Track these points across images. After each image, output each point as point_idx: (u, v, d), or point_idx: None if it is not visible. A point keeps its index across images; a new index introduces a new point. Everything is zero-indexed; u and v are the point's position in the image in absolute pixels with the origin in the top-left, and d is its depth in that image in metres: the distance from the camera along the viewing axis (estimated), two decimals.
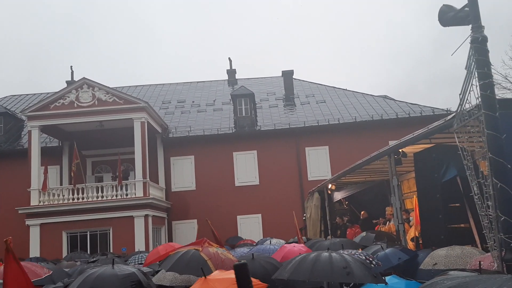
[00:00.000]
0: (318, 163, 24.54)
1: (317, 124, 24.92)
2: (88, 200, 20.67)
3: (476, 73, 5.67)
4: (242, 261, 3.73)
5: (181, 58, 77.97)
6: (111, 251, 19.67)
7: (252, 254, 7.94)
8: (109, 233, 20.52)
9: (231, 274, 5.66)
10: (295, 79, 30.64)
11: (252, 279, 5.50)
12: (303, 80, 31.27)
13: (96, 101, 21.53)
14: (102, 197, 20.77)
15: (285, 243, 11.42)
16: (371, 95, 28.28)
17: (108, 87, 22.00)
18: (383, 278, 5.80)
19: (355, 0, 79.07)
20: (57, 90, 22.12)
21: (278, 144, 24.75)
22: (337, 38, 79.65)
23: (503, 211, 5.36)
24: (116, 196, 20.76)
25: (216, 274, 5.80)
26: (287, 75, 30.13)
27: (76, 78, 28.51)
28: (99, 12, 78.99)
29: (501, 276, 3.04)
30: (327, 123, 24.91)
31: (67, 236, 20.58)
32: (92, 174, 25.07)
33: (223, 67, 68.29)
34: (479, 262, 5.60)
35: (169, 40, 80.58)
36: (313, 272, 5.63)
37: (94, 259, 12.45)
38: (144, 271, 6.99)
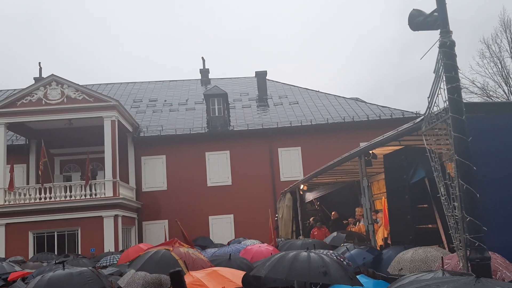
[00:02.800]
0: (291, 164, 24.67)
1: (289, 125, 25.05)
2: (56, 199, 20.21)
3: (444, 77, 5.78)
4: (177, 269, 3.85)
5: (153, 58, 77.20)
6: (80, 252, 19.31)
7: (230, 254, 7.91)
8: (78, 233, 20.10)
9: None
10: (268, 80, 30.73)
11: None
12: (277, 81, 31.40)
13: (65, 99, 21.06)
14: (71, 196, 20.33)
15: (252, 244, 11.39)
16: (343, 97, 28.62)
17: (78, 84, 21.55)
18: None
19: (326, 3, 79.96)
20: (24, 87, 21.55)
21: (251, 145, 24.76)
22: (309, 41, 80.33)
23: (468, 212, 5.48)
24: (85, 195, 20.35)
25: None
26: (261, 75, 30.19)
27: (43, 75, 27.82)
28: (62, 9, 77.34)
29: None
30: (300, 124, 25.06)
31: (34, 236, 20.06)
32: (60, 173, 24.51)
33: (196, 66, 67.94)
34: (441, 257, 5.72)
35: (138, 38, 79.62)
36: (291, 271, 5.63)
37: (60, 260, 12.15)
38: (111, 271, 6.85)
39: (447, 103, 5.79)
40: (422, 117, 6.90)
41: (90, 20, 78.92)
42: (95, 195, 20.41)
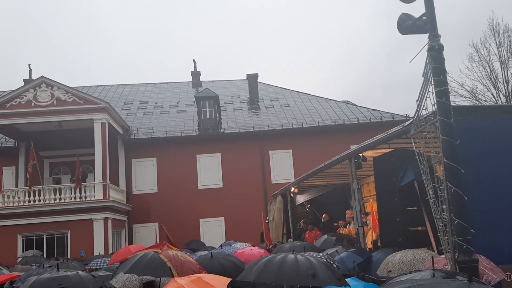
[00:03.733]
0: (282, 166, 24.68)
1: (281, 128, 25.09)
2: (45, 202, 20.03)
3: (432, 80, 5.83)
4: (151, 279, 3.88)
5: (144, 60, 76.99)
6: (69, 255, 19.17)
7: (211, 252, 7.89)
8: (67, 236, 19.94)
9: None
10: (259, 82, 30.75)
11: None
12: (268, 84, 31.43)
13: (55, 101, 20.92)
14: (60, 199, 20.18)
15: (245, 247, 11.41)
16: (333, 100, 28.72)
17: (68, 86, 21.42)
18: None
19: (314, 8, 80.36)
20: (14, 89, 21.38)
21: (242, 147, 24.74)
22: (299, 44, 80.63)
23: (456, 214, 5.53)
24: (75, 198, 20.20)
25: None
26: (252, 78, 30.20)
27: (33, 77, 27.61)
28: (52, 10, 76.89)
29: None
30: (291, 127, 25.11)
31: (22, 239, 19.86)
32: (50, 176, 24.33)
33: (188, 69, 67.85)
34: (431, 257, 5.75)
35: (130, 40, 79.37)
36: (279, 274, 5.61)
37: (49, 264, 12.04)
38: (101, 274, 6.78)
39: (436, 106, 5.84)
40: (411, 120, 6.94)
41: (81, 23, 78.58)
42: (85, 197, 20.27)
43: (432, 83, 5.84)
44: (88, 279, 5.67)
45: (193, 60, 32.90)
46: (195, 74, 32.66)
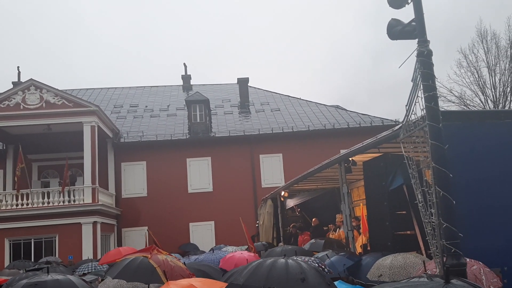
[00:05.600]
0: (272, 171, 24.70)
1: (271, 132, 25.12)
2: (33, 206, 19.83)
3: (421, 85, 5.88)
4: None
5: (134, 63, 76.73)
6: None
7: (184, 262, 7.82)
8: (55, 240, 19.75)
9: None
10: (250, 86, 30.78)
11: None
12: (258, 88, 31.47)
13: (44, 104, 20.76)
14: (48, 203, 20.00)
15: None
16: (323, 104, 28.83)
17: (57, 89, 21.28)
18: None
19: (302, 11, 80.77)
20: (2, 91, 21.19)
21: (232, 151, 24.72)
22: (287, 48, 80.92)
23: (445, 218, 5.56)
24: (63, 202, 20.03)
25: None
26: (243, 82, 30.22)
27: (22, 80, 27.37)
28: (42, 12, 76.41)
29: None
30: (281, 131, 25.15)
31: (10, 243, 19.63)
32: (38, 179, 24.09)
33: (178, 72, 67.79)
34: (423, 262, 5.77)
35: (120, 44, 79.06)
36: (268, 279, 5.59)
37: (36, 267, 11.91)
38: (89, 279, 6.72)
39: (425, 111, 5.88)
40: (400, 125, 6.99)
41: (70, 26, 78.13)
42: (74, 201, 20.11)
43: (421, 88, 5.89)
44: (68, 283, 5.61)
45: (184, 63, 32.92)
46: (186, 78, 32.61)
